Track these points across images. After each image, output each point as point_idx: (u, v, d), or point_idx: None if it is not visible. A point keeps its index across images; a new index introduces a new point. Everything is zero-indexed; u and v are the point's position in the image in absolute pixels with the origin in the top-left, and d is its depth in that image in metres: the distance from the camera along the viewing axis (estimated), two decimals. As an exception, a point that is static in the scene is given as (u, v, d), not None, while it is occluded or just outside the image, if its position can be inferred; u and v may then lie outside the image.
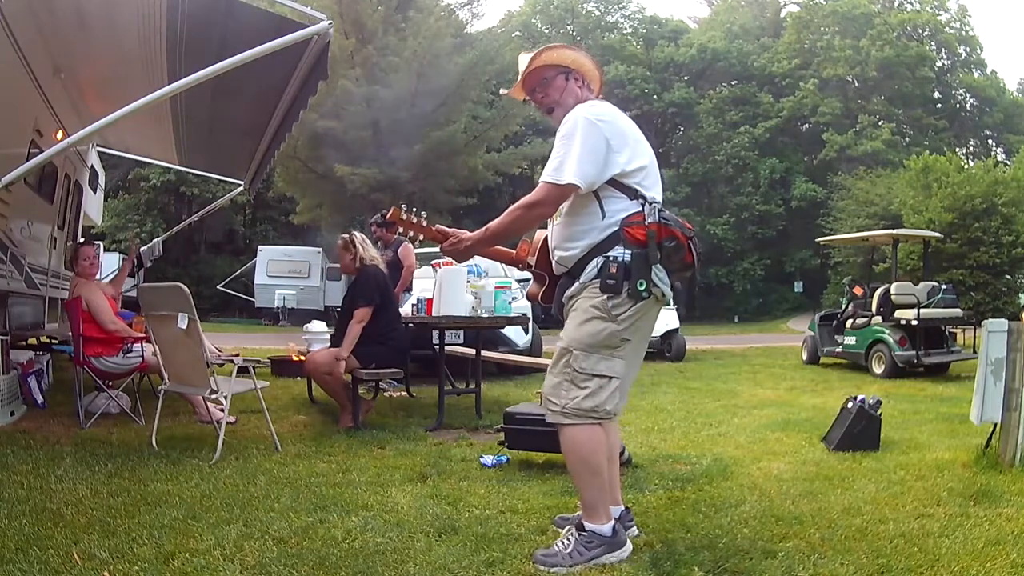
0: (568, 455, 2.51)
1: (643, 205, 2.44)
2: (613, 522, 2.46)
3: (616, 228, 2.43)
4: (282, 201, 26.00)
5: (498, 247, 2.81)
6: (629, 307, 2.41)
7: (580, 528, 2.46)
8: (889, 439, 4.46)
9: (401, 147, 18.09)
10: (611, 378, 2.44)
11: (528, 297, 2.94)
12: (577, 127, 2.41)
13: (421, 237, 2.68)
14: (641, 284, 2.38)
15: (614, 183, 2.44)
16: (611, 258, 2.40)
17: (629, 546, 2.48)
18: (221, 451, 3.79)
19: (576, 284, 2.49)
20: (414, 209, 2.66)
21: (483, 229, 2.58)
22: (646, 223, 2.40)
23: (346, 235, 5.14)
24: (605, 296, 2.40)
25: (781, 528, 2.79)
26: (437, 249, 2.75)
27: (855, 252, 21.77)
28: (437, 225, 2.69)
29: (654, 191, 2.51)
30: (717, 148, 31.67)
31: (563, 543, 2.44)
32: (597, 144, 2.40)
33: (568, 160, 2.39)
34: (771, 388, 7.91)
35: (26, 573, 2.20)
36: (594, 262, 2.44)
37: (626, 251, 2.40)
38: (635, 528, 2.73)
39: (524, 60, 2.66)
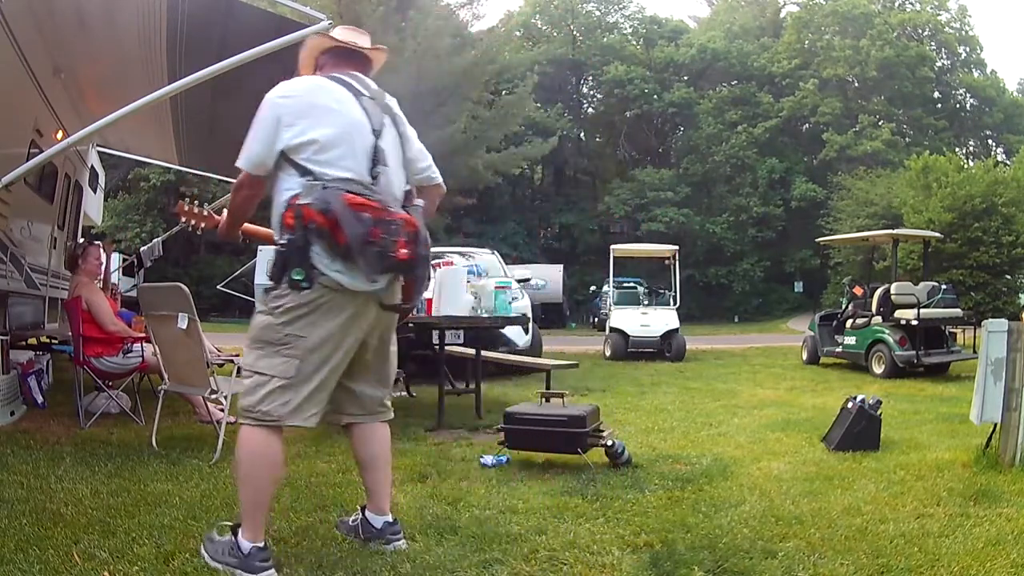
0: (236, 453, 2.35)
1: (304, 185, 2.22)
2: (254, 546, 2.21)
3: (282, 210, 2.24)
4: (282, 201, 25.98)
5: (261, 229, 2.86)
6: (288, 297, 2.21)
7: (235, 530, 2.27)
8: (889, 439, 4.45)
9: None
10: (271, 377, 2.23)
11: None
12: (260, 108, 2.34)
13: (203, 226, 2.99)
14: (297, 273, 2.15)
15: (288, 159, 2.27)
16: (276, 249, 2.25)
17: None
18: (221, 451, 3.78)
19: None
20: (195, 202, 3.05)
21: (227, 211, 2.63)
22: (296, 204, 2.18)
23: None
24: (272, 289, 2.26)
25: (781, 528, 2.78)
26: (437, 249, 2.76)
27: (855, 252, 21.75)
28: (217, 216, 2.85)
29: (334, 168, 2.24)
30: (716, 148, 31.69)
31: (227, 536, 2.30)
32: (267, 122, 2.28)
33: (246, 142, 2.31)
34: (771, 388, 7.91)
35: (26, 573, 2.20)
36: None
37: (283, 237, 2.21)
38: (403, 541, 2.52)
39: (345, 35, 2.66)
